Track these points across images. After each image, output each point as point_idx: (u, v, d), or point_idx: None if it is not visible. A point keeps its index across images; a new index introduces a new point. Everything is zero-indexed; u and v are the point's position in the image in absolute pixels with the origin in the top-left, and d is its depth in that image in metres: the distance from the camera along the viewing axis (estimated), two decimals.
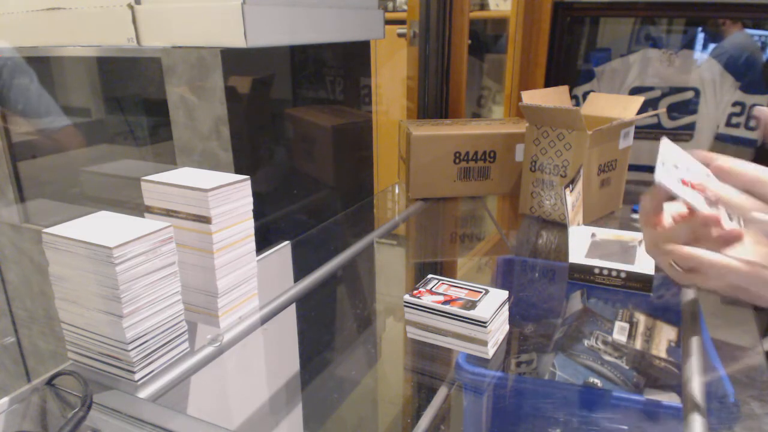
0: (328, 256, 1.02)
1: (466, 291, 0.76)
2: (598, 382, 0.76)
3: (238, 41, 0.71)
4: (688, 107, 1.54)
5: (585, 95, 1.45)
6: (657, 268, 0.86)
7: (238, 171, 0.81)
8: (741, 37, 1.55)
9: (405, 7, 1.76)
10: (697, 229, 0.51)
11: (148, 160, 1.14)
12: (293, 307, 0.88)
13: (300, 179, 1.11)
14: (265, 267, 0.88)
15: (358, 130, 1.34)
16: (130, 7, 0.76)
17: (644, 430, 0.64)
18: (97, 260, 0.61)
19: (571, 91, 1.32)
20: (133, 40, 0.77)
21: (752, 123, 1.47)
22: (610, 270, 0.88)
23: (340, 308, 1.02)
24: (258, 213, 0.79)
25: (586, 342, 0.82)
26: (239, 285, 0.79)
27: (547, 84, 1.61)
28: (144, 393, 0.65)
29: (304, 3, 0.84)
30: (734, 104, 1.48)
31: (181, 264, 0.69)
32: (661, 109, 1.55)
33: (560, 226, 1.17)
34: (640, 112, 1.13)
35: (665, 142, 0.53)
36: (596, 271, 0.89)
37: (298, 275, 0.97)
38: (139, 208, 0.76)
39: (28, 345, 1.27)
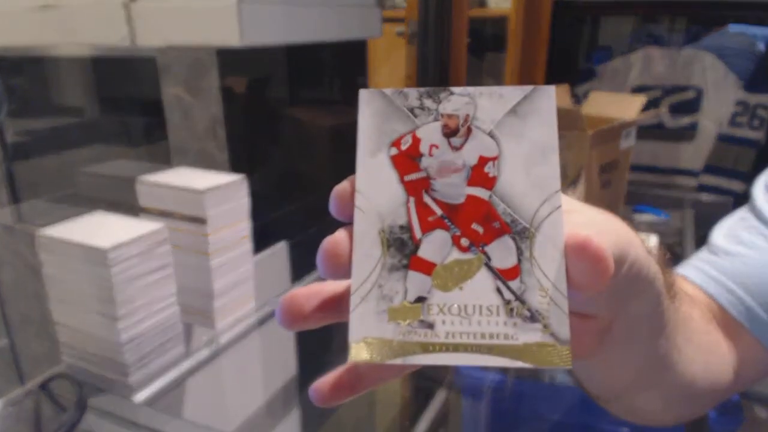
0: None
1: None
2: None
3: (233, 40, 0.71)
4: (691, 107, 1.52)
5: (586, 94, 1.44)
6: None
7: (234, 171, 0.80)
8: (744, 35, 1.54)
9: (403, 6, 1.75)
10: None
11: (143, 161, 1.13)
12: None
13: (297, 179, 1.10)
14: (262, 268, 0.88)
15: (355, 130, 1.33)
16: (125, 5, 0.76)
17: None
18: (92, 262, 0.61)
19: (571, 90, 1.31)
20: (128, 39, 0.76)
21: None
22: None
23: None
24: (254, 213, 0.78)
25: None
26: (236, 287, 0.78)
27: (548, 83, 1.60)
28: (139, 396, 0.64)
29: (300, 1, 0.84)
30: (737, 104, 1.47)
31: (176, 265, 0.68)
32: (663, 109, 1.54)
33: None
34: (642, 111, 1.12)
35: None
36: None
37: (295, 276, 0.96)
38: (134, 209, 0.75)
39: (21, 348, 1.27)
